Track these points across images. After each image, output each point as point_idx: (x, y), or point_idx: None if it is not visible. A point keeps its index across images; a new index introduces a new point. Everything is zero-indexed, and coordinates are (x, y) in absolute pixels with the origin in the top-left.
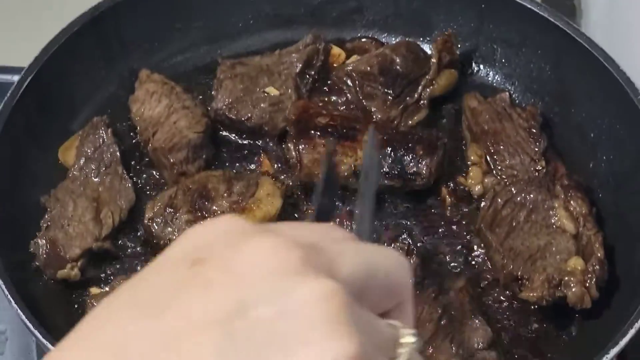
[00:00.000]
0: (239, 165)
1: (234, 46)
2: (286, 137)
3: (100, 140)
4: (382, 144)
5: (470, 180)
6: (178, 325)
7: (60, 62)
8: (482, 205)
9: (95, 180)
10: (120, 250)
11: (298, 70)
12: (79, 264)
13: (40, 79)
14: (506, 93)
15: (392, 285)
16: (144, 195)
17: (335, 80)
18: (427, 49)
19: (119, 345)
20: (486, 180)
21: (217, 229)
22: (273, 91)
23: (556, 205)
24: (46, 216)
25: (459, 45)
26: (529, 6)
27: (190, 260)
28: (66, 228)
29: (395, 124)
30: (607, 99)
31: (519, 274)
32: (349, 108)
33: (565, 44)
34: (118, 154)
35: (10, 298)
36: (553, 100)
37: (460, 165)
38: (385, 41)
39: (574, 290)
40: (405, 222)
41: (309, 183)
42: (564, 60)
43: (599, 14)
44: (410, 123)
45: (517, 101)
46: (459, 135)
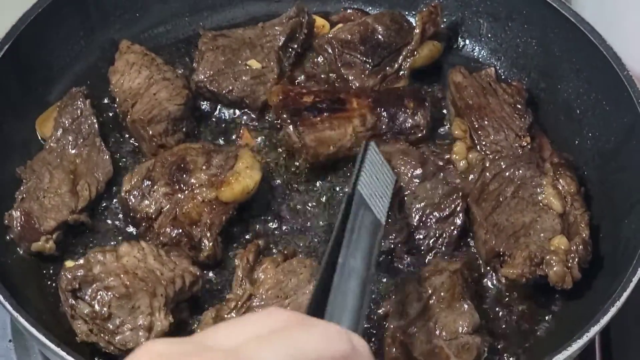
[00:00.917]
0: (219, 138)
1: (217, 18)
2: (280, 126)
3: (79, 111)
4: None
5: (454, 156)
6: None
7: (37, 32)
8: (470, 178)
9: (73, 152)
10: (96, 223)
11: (281, 44)
12: (54, 236)
13: (17, 48)
14: (492, 68)
15: None
16: (122, 168)
17: (316, 47)
18: (413, 21)
19: None
20: (470, 155)
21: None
22: (255, 64)
23: (544, 183)
24: (22, 188)
25: (444, 19)
26: None
27: None
28: (42, 200)
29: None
30: (594, 74)
31: (501, 249)
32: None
33: (552, 19)
34: (96, 125)
35: None
36: (539, 76)
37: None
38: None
39: (555, 269)
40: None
41: (315, 163)
42: (550, 35)
43: None
44: None
45: (503, 76)
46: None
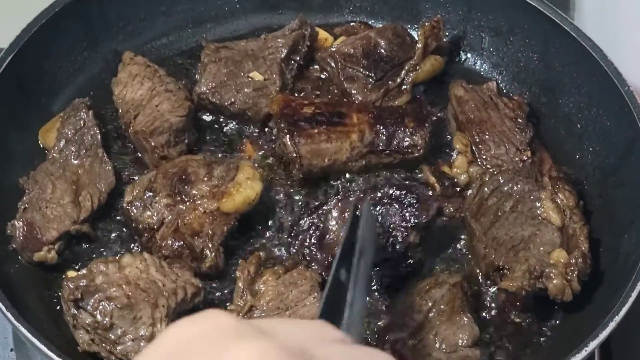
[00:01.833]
0: (221, 150)
1: (219, 30)
2: (278, 134)
3: (81, 122)
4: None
5: (455, 170)
6: None
7: (41, 42)
8: (469, 193)
9: (75, 162)
10: (98, 234)
11: (283, 56)
12: (56, 246)
13: (21, 59)
14: (493, 82)
15: None
16: (124, 179)
17: (318, 60)
18: (415, 35)
19: None
20: (471, 169)
21: (203, 328)
22: (257, 76)
23: (543, 197)
24: (24, 198)
25: (446, 32)
26: None
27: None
28: (44, 210)
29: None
30: (595, 89)
31: (501, 263)
32: (324, 93)
33: (554, 33)
34: (99, 136)
35: None
36: (540, 90)
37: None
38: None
39: (554, 282)
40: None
41: (310, 174)
42: (552, 49)
43: (592, 6)
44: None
45: (505, 90)
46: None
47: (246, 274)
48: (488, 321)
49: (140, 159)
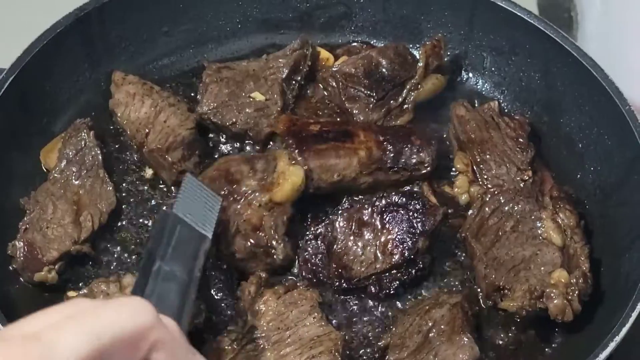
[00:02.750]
0: None
1: (221, 50)
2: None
3: (83, 142)
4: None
5: (456, 189)
6: None
7: (43, 63)
8: (469, 213)
9: (76, 182)
10: (98, 254)
11: (284, 76)
12: (56, 267)
13: (22, 79)
14: (495, 102)
15: (133, 336)
16: (125, 199)
17: (320, 81)
18: (417, 55)
19: None
20: (472, 189)
21: None
22: (259, 96)
23: (544, 217)
24: (25, 218)
25: (448, 52)
26: (519, 14)
27: None
28: (45, 231)
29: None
30: (596, 109)
31: (501, 284)
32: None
33: (555, 53)
34: (100, 157)
35: None
36: (542, 110)
37: (445, 174)
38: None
39: (555, 302)
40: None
41: (320, 190)
42: (553, 69)
43: (594, 26)
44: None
45: (506, 110)
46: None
47: (247, 294)
48: (488, 341)
49: (139, 180)
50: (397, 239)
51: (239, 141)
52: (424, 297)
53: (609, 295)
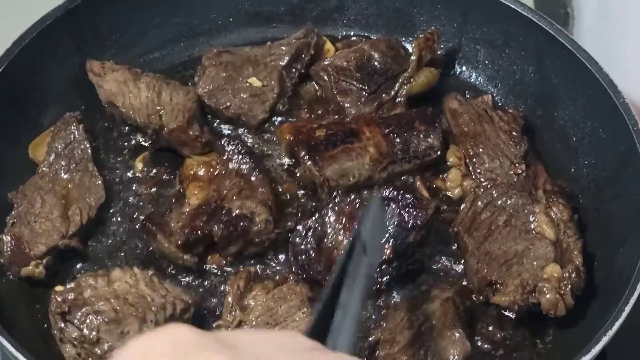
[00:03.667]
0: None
1: (213, 44)
2: (298, 163)
3: (72, 136)
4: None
5: (449, 183)
6: None
7: (32, 56)
8: (462, 207)
9: (65, 177)
10: (87, 248)
11: (284, 63)
12: (44, 261)
13: (11, 72)
14: (488, 95)
15: None
16: (114, 193)
17: (312, 75)
18: (410, 48)
19: None
20: (465, 183)
21: (165, 340)
22: (256, 82)
23: (537, 211)
24: (13, 212)
25: (441, 45)
26: (512, 6)
27: None
28: (32, 225)
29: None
30: (590, 102)
31: (493, 278)
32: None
33: (549, 46)
34: (89, 151)
35: None
36: (536, 103)
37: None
38: None
39: (547, 297)
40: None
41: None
42: (547, 62)
43: (590, 21)
44: None
45: (500, 103)
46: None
47: (235, 288)
48: (480, 336)
49: (132, 174)
50: (388, 233)
51: (233, 125)
52: (416, 292)
53: (603, 290)
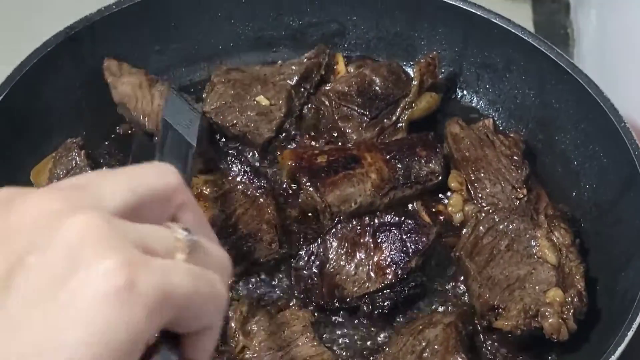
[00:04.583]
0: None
1: (214, 69)
2: (300, 189)
3: (73, 162)
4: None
5: (450, 208)
6: None
7: (33, 82)
8: (464, 232)
9: None
10: None
11: (294, 83)
12: None
13: (12, 98)
14: (490, 119)
15: (162, 195)
16: None
17: (313, 100)
18: (411, 72)
19: None
20: (467, 208)
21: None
22: (263, 101)
23: (539, 235)
24: None
25: (442, 69)
26: (513, 31)
27: None
28: None
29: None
30: (591, 126)
31: (495, 303)
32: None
33: (549, 70)
34: None
35: None
36: (537, 127)
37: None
38: None
39: (550, 321)
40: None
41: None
42: (547, 86)
43: (590, 42)
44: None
45: (501, 127)
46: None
47: (239, 314)
48: None
49: None
50: (390, 258)
51: (239, 143)
52: (418, 317)
53: (605, 314)
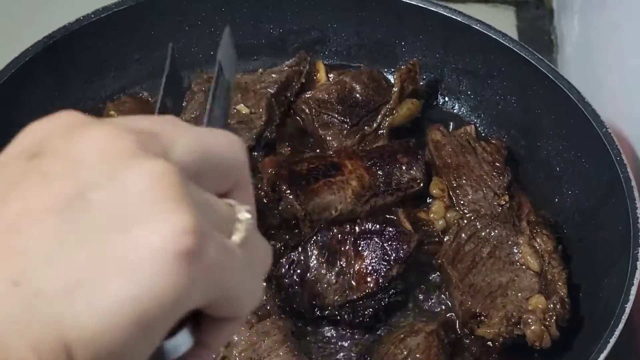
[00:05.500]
0: None
1: (194, 77)
2: (280, 197)
3: None
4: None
5: (432, 215)
6: (16, 217)
7: (11, 93)
8: (445, 239)
9: None
10: None
11: (274, 91)
12: None
13: None
14: (471, 126)
15: (227, 166)
16: None
17: (293, 108)
18: (392, 79)
19: None
20: (448, 215)
21: (54, 123)
22: (244, 109)
23: (521, 242)
24: None
25: (423, 76)
26: (494, 37)
27: (27, 155)
28: None
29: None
30: (573, 132)
31: (478, 310)
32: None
33: (530, 76)
34: None
35: None
36: (519, 133)
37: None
38: None
39: (532, 328)
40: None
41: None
42: (529, 92)
43: (572, 49)
44: None
45: (483, 134)
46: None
47: None
48: None
49: None
50: (371, 266)
51: None
52: (400, 326)
53: (588, 321)
